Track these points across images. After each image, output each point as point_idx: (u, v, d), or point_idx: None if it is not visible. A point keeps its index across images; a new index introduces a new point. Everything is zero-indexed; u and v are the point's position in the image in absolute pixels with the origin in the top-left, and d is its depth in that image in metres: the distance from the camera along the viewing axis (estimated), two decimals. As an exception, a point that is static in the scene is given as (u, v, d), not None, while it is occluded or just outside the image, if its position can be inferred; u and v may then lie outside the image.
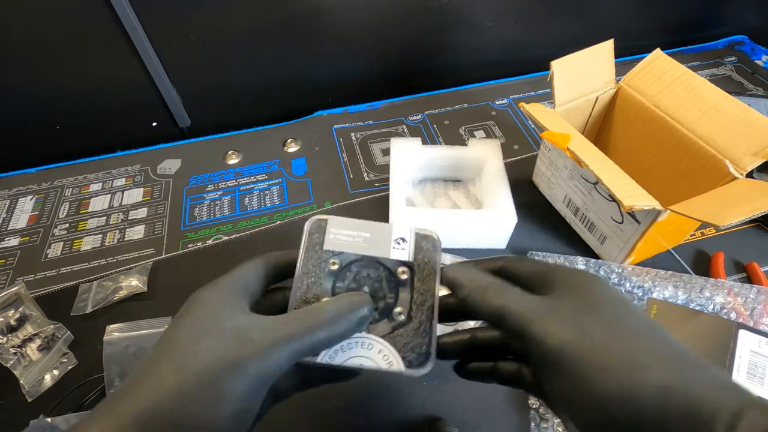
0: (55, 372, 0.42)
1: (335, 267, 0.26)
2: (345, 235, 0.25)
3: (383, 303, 0.26)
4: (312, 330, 0.22)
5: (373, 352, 0.24)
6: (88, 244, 0.54)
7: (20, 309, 0.45)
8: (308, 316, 0.22)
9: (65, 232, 0.56)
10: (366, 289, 0.26)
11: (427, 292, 0.26)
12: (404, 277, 0.26)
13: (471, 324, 0.40)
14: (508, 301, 0.22)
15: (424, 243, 0.26)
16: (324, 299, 0.24)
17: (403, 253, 0.26)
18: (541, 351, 0.20)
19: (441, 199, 0.56)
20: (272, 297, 0.26)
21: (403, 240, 0.26)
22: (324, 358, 0.24)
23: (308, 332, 0.22)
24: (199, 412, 0.19)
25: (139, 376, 0.20)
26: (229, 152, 0.65)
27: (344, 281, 0.26)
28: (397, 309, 0.25)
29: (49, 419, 0.36)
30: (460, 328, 0.39)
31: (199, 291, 0.24)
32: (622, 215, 0.44)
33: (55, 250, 0.53)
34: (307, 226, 0.26)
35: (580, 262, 0.46)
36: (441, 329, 0.26)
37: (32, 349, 0.42)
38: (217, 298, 0.23)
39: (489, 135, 0.66)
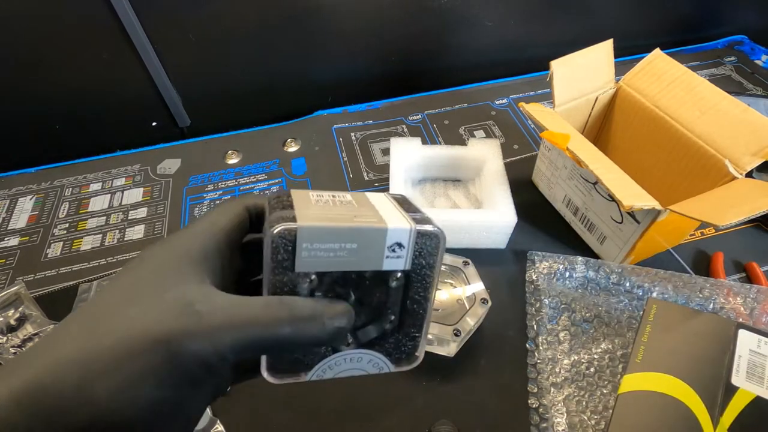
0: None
1: (313, 281, 0.20)
2: (323, 251, 0.19)
3: (372, 307, 0.22)
4: (277, 322, 0.17)
5: (363, 363, 0.22)
6: (87, 243, 0.54)
7: (20, 309, 0.45)
8: (278, 305, 0.18)
9: (65, 231, 0.56)
10: (351, 294, 0.21)
11: (423, 299, 0.22)
12: (395, 284, 0.21)
13: (470, 323, 0.40)
14: None
15: (425, 242, 0.21)
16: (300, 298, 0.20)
17: (399, 261, 0.21)
18: None
19: (441, 199, 0.56)
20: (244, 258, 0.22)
21: (400, 246, 0.20)
22: (312, 376, 0.21)
23: (272, 324, 0.17)
24: (105, 394, 0.15)
25: (42, 342, 0.16)
26: (229, 152, 0.65)
27: (323, 286, 0.20)
28: (390, 316, 0.22)
29: None
30: (461, 330, 0.39)
31: (146, 248, 0.19)
32: (621, 215, 0.44)
33: (54, 250, 0.53)
34: (267, 241, 0.18)
35: (579, 262, 0.46)
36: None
37: None
38: (165, 259, 0.18)
39: (489, 135, 0.66)
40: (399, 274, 0.21)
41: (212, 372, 0.17)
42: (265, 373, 0.20)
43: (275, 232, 0.18)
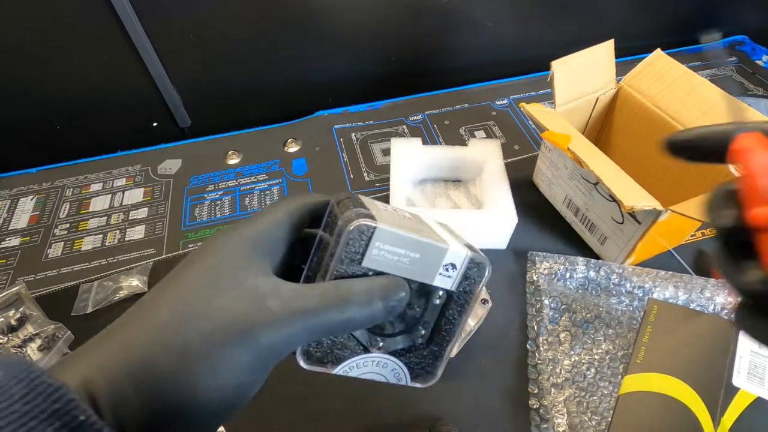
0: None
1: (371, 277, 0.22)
2: (390, 253, 0.20)
3: (408, 318, 0.23)
4: (338, 307, 0.19)
5: (387, 370, 0.24)
6: (88, 244, 0.54)
7: (21, 309, 0.45)
8: (335, 289, 0.19)
9: (66, 232, 0.56)
10: None
11: (456, 322, 0.24)
12: (438, 302, 0.23)
13: (471, 323, 0.40)
14: None
15: (473, 271, 0.23)
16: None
17: (449, 281, 0.22)
18: None
19: (441, 199, 0.56)
20: (298, 250, 0.24)
21: (453, 267, 0.22)
22: (340, 370, 0.23)
23: (333, 309, 0.19)
24: (198, 376, 0.17)
25: (137, 322, 0.18)
26: (230, 152, 0.65)
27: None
28: (421, 330, 0.24)
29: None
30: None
31: (217, 236, 0.21)
32: (622, 215, 0.44)
33: (55, 250, 0.53)
34: (345, 232, 0.19)
35: (580, 263, 0.46)
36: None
37: (33, 349, 0.42)
38: (238, 250, 0.20)
39: (489, 135, 0.66)
40: (442, 293, 0.23)
41: (279, 358, 0.19)
42: (299, 358, 0.21)
43: (355, 225, 0.19)
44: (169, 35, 0.61)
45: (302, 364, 0.22)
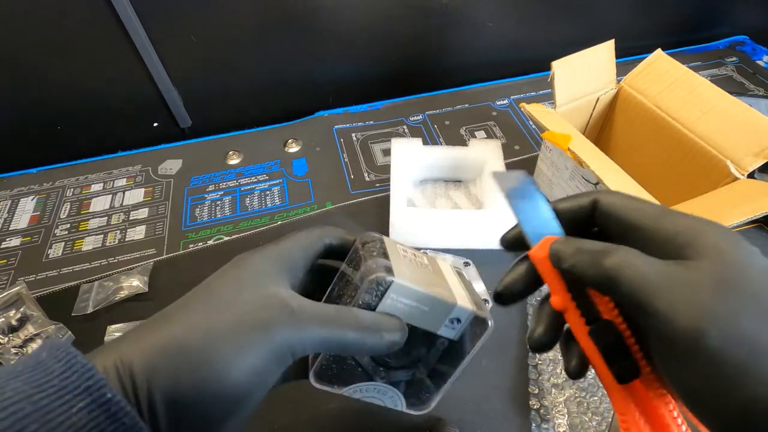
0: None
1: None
2: (403, 304, 0.23)
3: (411, 356, 0.25)
4: (347, 327, 0.21)
5: (386, 397, 0.26)
6: (89, 244, 0.54)
7: (21, 309, 0.45)
8: (347, 313, 0.22)
9: (66, 232, 0.56)
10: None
11: (454, 365, 0.26)
12: (440, 347, 0.25)
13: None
14: (622, 262, 0.18)
15: (476, 327, 0.25)
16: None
17: (452, 332, 0.25)
18: (668, 332, 0.16)
19: (442, 199, 0.56)
20: (313, 276, 0.26)
21: (458, 321, 0.24)
22: (345, 392, 0.25)
23: (343, 327, 0.21)
24: (227, 356, 0.19)
25: (170, 312, 0.20)
26: (230, 152, 0.65)
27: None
28: (421, 368, 0.26)
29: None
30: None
31: (245, 254, 0.23)
32: (623, 216, 0.44)
33: (56, 251, 0.53)
34: (365, 281, 0.22)
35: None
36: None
37: (33, 350, 0.42)
38: (263, 265, 0.23)
39: (490, 135, 0.66)
40: (445, 341, 0.25)
41: (293, 357, 0.20)
42: (312, 378, 0.24)
43: (374, 277, 0.22)
44: (170, 35, 0.61)
45: (313, 383, 0.24)
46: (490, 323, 0.25)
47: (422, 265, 0.25)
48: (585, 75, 0.50)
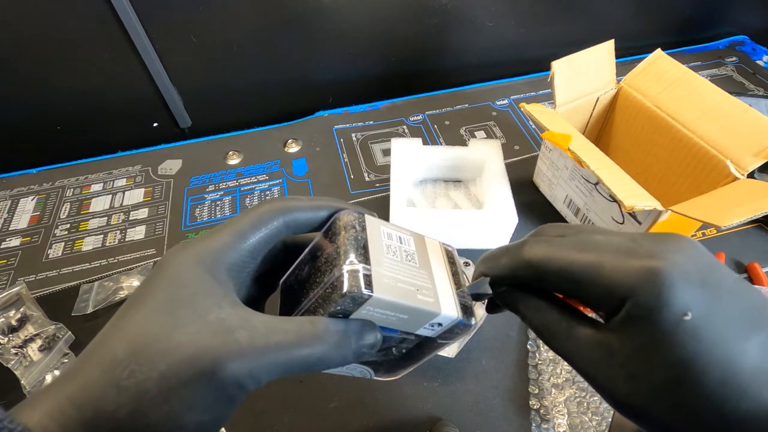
0: (56, 372, 0.42)
1: None
2: (380, 313, 0.20)
3: (386, 343, 0.24)
4: (311, 346, 0.18)
5: (354, 370, 0.25)
6: (89, 244, 0.54)
7: (21, 309, 0.45)
8: (311, 327, 0.19)
9: (66, 232, 0.56)
10: (378, 330, 0.23)
11: (427, 354, 0.25)
12: (416, 340, 0.24)
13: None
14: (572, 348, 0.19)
15: (458, 328, 0.23)
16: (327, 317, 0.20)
17: (431, 332, 0.23)
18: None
19: (442, 199, 0.56)
20: (275, 257, 0.22)
21: (439, 325, 0.22)
22: None
23: (306, 347, 0.18)
24: (157, 421, 0.16)
25: (89, 359, 0.17)
26: (230, 152, 0.65)
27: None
28: (394, 352, 0.25)
29: None
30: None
31: (169, 258, 0.19)
32: (623, 216, 0.44)
33: (56, 251, 0.53)
34: (336, 295, 0.19)
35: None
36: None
37: (33, 350, 0.42)
38: (194, 275, 0.18)
39: (490, 135, 0.66)
40: (422, 336, 0.23)
41: (246, 392, 0.17)
42: None
43: (349, 289, 0.19)
44: (170, 35, 0.61)
45: None
46: (472, 328, 0.23)
47: (407, 258, 0.22)
48: (585, 75, 0.50)
